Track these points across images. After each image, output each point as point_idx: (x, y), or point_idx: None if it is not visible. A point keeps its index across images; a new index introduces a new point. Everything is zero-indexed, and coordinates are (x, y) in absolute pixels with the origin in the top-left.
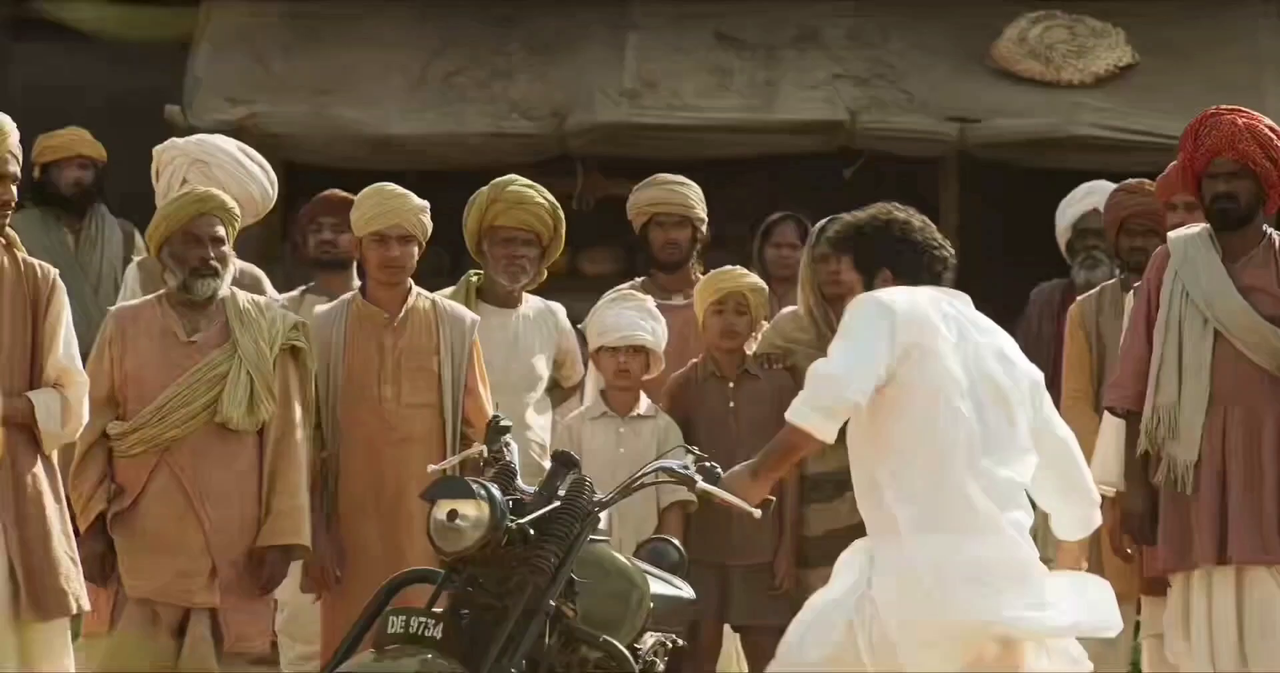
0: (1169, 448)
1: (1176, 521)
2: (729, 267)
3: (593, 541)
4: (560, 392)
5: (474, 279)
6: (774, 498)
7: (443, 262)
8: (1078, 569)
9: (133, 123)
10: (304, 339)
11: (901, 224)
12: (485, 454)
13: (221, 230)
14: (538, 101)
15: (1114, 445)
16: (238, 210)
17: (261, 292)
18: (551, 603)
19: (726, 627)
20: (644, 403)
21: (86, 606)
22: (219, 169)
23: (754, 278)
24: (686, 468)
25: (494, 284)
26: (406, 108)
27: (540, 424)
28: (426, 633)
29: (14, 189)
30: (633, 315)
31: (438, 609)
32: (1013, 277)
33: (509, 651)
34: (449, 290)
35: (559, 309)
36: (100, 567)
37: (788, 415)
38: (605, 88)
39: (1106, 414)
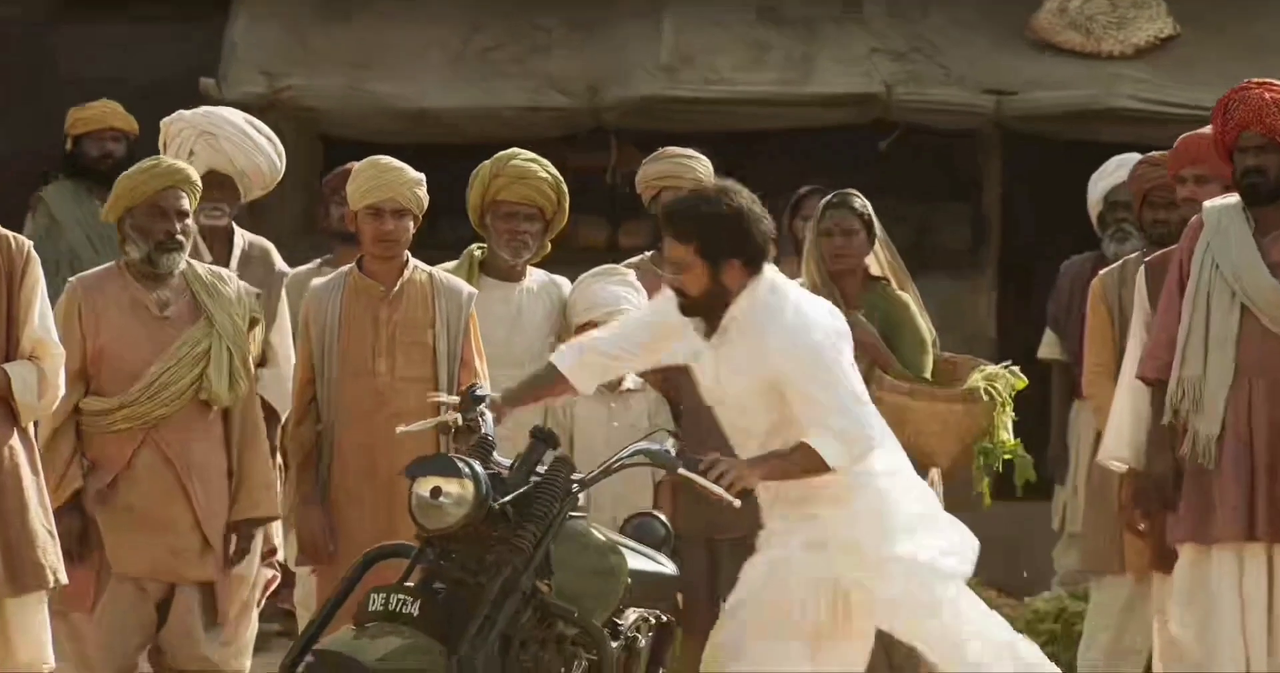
0: (1193, 421)
1: (1198, 494)
2: None
3: (571, 517)
4: None
5: (477, 253)
6: (753, 489)
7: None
8: None
9: (168, 96)
10: (260, 310)
11: (747, 212)
12: (459, 422)
13: (187, 204)
14: (574, 76)
15: (1128, 421)
16: (200, 184)
17: (271, 264)
18: (528, 581)
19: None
20: (631, 378)
21: (64, 579)
22: (226, 141)
23: None
24: (667, 452)
25: (496, 258)
26: (443, 82)
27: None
28: (405, 610)
29: None
30: (617, 290)
31: (410, 584)
32: (1049, 250)
33: (485, 628)
34: (451, 264)
35: (563, 283)
36: (78, 544)
37: (825, 456)
38: (642, 62)
39: (1119, 390)
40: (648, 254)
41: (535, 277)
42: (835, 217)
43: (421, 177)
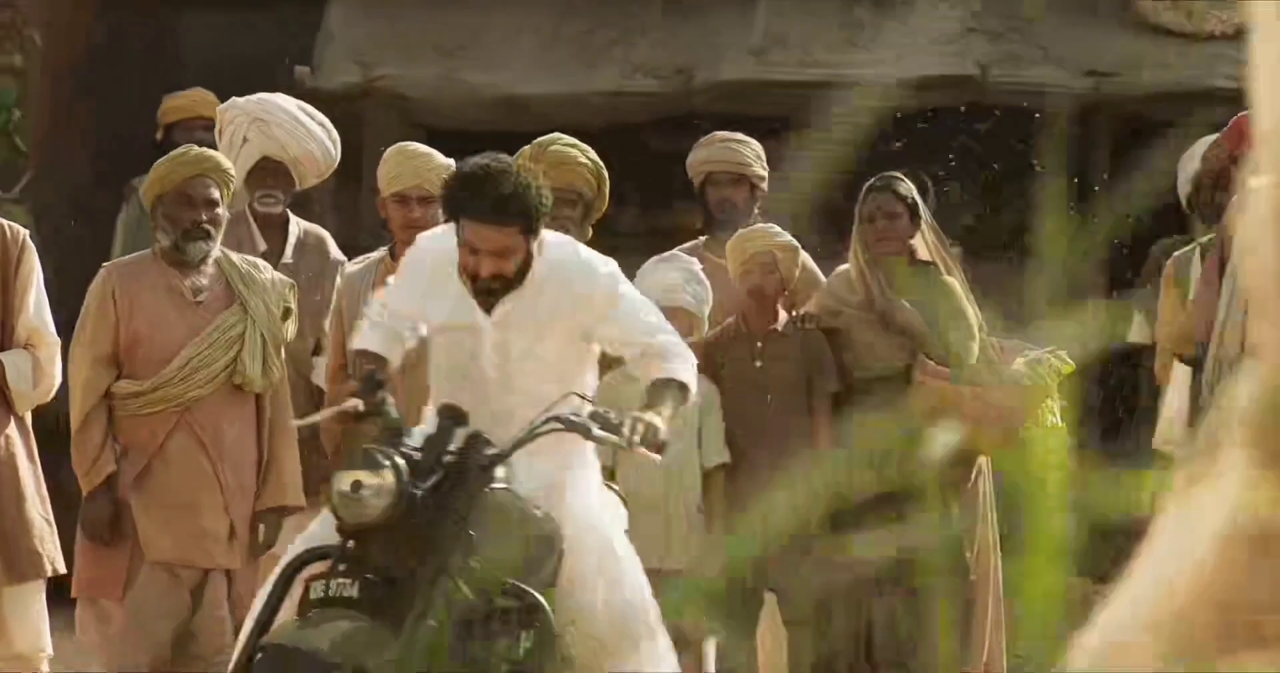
0: None
1: None
2: (761, 225)
3: (495, 490)
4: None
5: None
6: (668, 441)
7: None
8: None
9: (264, 85)
10: (293, 301)
11: (534, 176)
12: (360, 408)
13: (216, 193)
14: (665, 60)
15: (1182, 405)
16: (233, 172)
17: (326, 252)
18: (458, 561)
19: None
20: None
21: (61, 567)
22: (278, 128)
23: (786, 237)
24: (579, 416)
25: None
26: (534, 68)
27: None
28: (345, 593)
29: None
30: (675, 278)
31: (344, 568)
32: (1147, 231)
33: (424, 612)
34: None
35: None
36: (109, 530)
37: (689, 381)
38: (733, 45)
39: (1174, 374)
40: (701, 239)
41: None
42: (878, 200)
43: (448, 163)
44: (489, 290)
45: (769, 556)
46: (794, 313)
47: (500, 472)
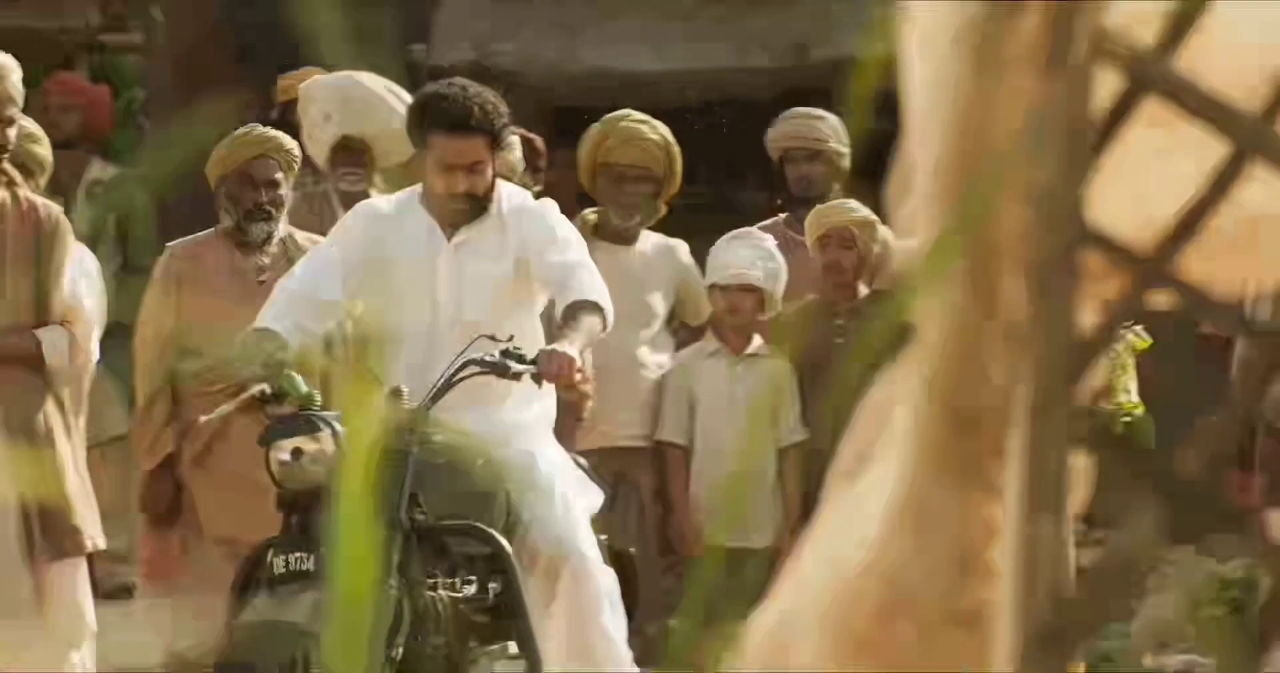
0: None
1: None
2: (838, 200)
3: (428, 441)
4: (688, 330)
5: (591, 217)
6: (581, 370)
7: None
8: None
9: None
10: None
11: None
12: (267, 391)
13: (278, 173)
14: (781, 35)
15: None
16: (297, 152)
17: None
18: (404, 515)
19: None
20: (756, 341)
21: (101, 543)
22: (362, 104)
23: (864, 212)
24: (493, 356)
25: (609, 222)
26: (651, 45)
27: (656, 361)
28: (303, 567)
29: (12, 133)
30: (748, 254)
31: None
32: None
33: (382, 570)
34: None
35: (680, 246)
36: (168, 509)
37: (608, 312)
38: (852, 20)
39: None
40: (781, 217)
41: (650, 240)
42: None
43: (513, 140)
44: (457, 212)
45: None
46: (873, 288)
47: (432, 424)
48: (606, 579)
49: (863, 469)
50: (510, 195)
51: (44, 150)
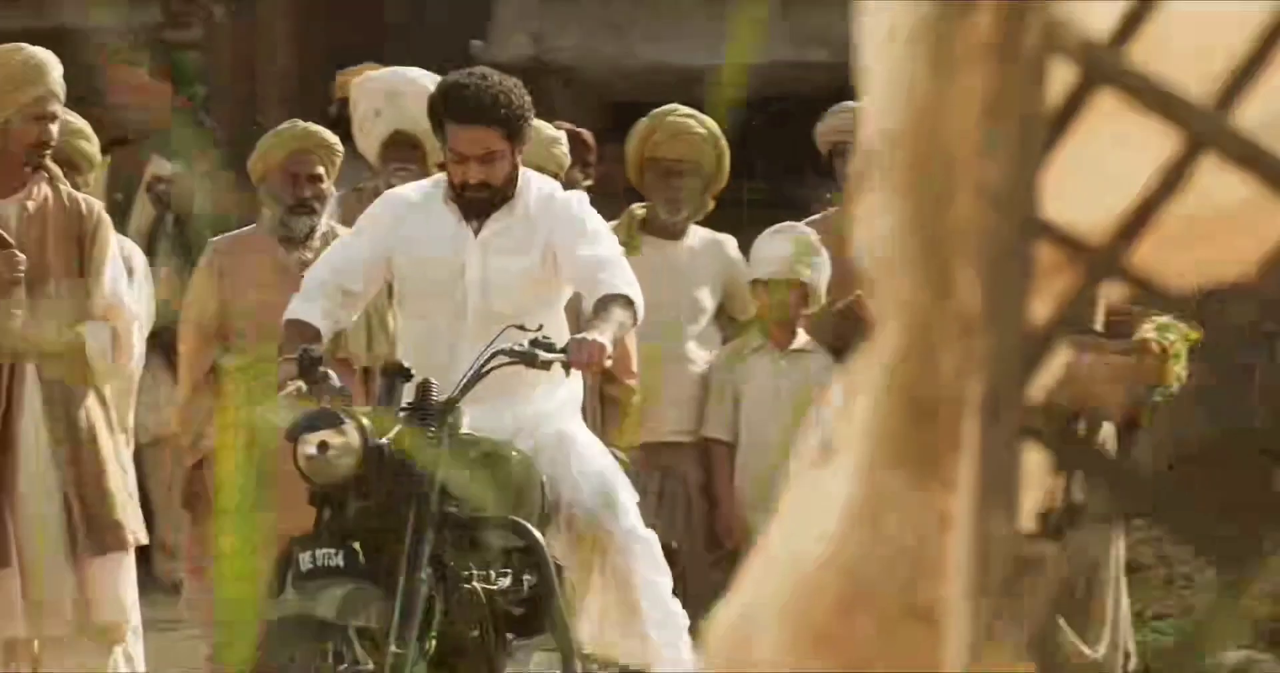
0: None
1: None
2: None
3: (459, 435)
4: (736, 324)
5: (639, 212)
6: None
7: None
8: None
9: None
10: None
11: (516, 85)
12: (304, 390)
13: (320, 168)
14: (839, 30)
15: None
16: (338, 147)
17: None
18: (436, 508)
19: None
20: (802, 337)
21: (144, 538)
22: (413, 100)
23: None
24: (522, 346)
25: (656, 216)
26: (708, 40)
27: (704, 357)
28: (332, 563)
29: (54, 128)
30: (789, 248)
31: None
32: None
33: (414, 565)
34: (610, 224)
35: (728, 241)
36: (205, 504)
37: (639, 306)
38: None
39: None
40: (832, 210)
41: (698, 235)
42: None
43: (557, 135)
44: (477, 202)
45: None
46: None
47: (463, 417)
48: (651, 542)
49: (825, 461)
50: (539, 186)
51: (92, 147)
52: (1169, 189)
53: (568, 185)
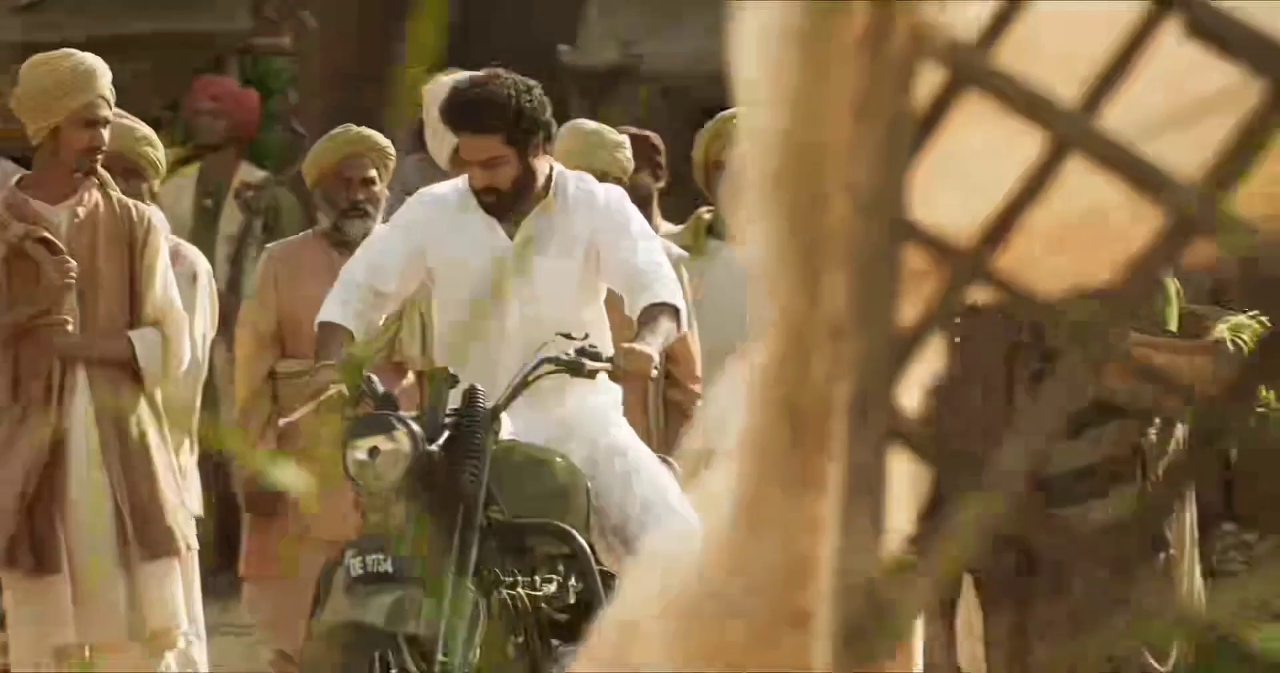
0: None
1: None
2: None
3: (505, 441)
4: None
5: (706, 216)
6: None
7: None
8: None
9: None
10: None
11: (526, 88)
12: (345, 393)
13: (373, 172)
14: None
15: None
16: (391, 151)
17: None
18: (482, 515)
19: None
20: None
21: (195, 544)
22: None
23: None
24: (568, 354)
25: (722, 221)
26: None
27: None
28: (381, 569)
29: (105, 134)
30: None
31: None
32: None
33: (461, 571)
34: (677, 229)
35: None
36: (271, 508)
37: (683, 314)
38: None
39: None
40: None
41: None
42: None
43: (620, 139)
44: (499, 204)
45: None
46: None
47: (507, 424)
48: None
49: (708, 465)
50: (577, 184)
51: (156, 153)
52: (1035, 192)
53: (635, 189)
